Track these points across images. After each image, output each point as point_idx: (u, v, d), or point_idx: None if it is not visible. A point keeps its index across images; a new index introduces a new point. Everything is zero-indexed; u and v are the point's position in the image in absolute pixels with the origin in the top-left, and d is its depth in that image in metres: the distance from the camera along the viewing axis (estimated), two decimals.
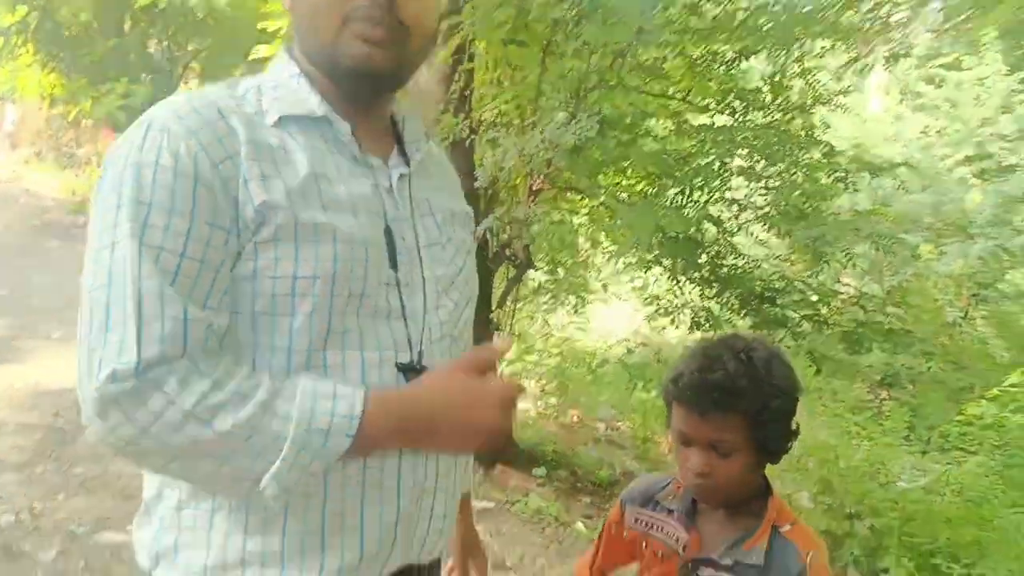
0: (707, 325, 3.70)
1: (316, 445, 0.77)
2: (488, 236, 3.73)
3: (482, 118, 3.59)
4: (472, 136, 3.51)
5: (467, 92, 3.49)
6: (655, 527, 1.12)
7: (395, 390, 0.85)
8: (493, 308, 3.89)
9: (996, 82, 9.05)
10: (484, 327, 3.80)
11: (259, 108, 0.90)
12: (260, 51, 4.59)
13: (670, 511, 1.11)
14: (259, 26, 4.60)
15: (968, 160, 8.32)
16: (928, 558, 3.34)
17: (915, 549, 3.47)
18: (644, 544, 1.12)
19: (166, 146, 0.82)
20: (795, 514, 1.08)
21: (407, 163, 0.98)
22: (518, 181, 3.98)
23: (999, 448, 5.35)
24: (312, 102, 0.91)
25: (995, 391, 6.18)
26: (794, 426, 1.07)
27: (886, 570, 3.27)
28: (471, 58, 3.48)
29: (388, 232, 0.90)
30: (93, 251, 0.82)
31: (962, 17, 10.00)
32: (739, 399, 1.00)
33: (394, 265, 0.90)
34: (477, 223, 3.56)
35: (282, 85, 0.93)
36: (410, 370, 0.90)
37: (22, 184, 13.28)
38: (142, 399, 0.75)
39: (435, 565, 1.02)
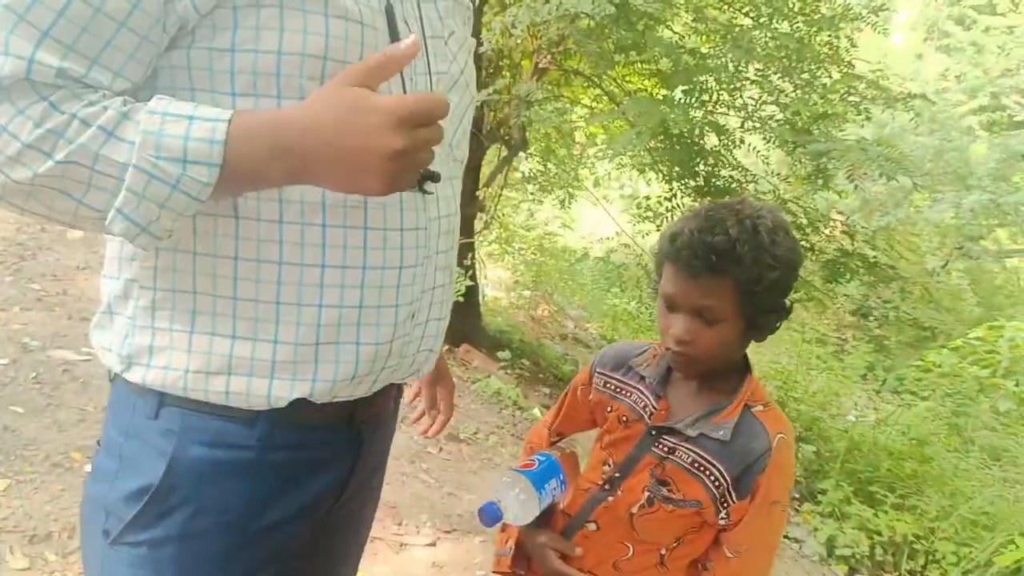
0: (685, 216, 3.64)
1: (172, 174, 0.66)
2: (485, 109, 3.58)
3: None
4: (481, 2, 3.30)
5: None
6: (623, 392, 1.08)
7: (264, 113, 0.70)
8: (480, 186, 3.79)
9: None
10: (469, 203, 3.72)
11: None
12: None
13: (642, 378, 1.07)
14: None
15: (981, 110, 8.16)
16: (866, 485, 3.45)
17: (855, 475, 3.59)
18: (609, 408, 1.09)
19: None
20: (768, 396, 1.04)
21: None
22: (523, 58, 3.80)
23: (951, 396, 5.50)
24: None
25: (958, 342, 6.31)
26: (787, 304, 1.01)
27: (824, 491, 3.38)
28: None
29: (389, 11, 0.77)
30: None
31: None
32: (736, 265, 0.93)
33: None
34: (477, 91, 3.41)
35: None
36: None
37: None
38: None
39: (398, 388, 0.97)
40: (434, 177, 0.78)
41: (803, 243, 3.72)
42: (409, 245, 0.83)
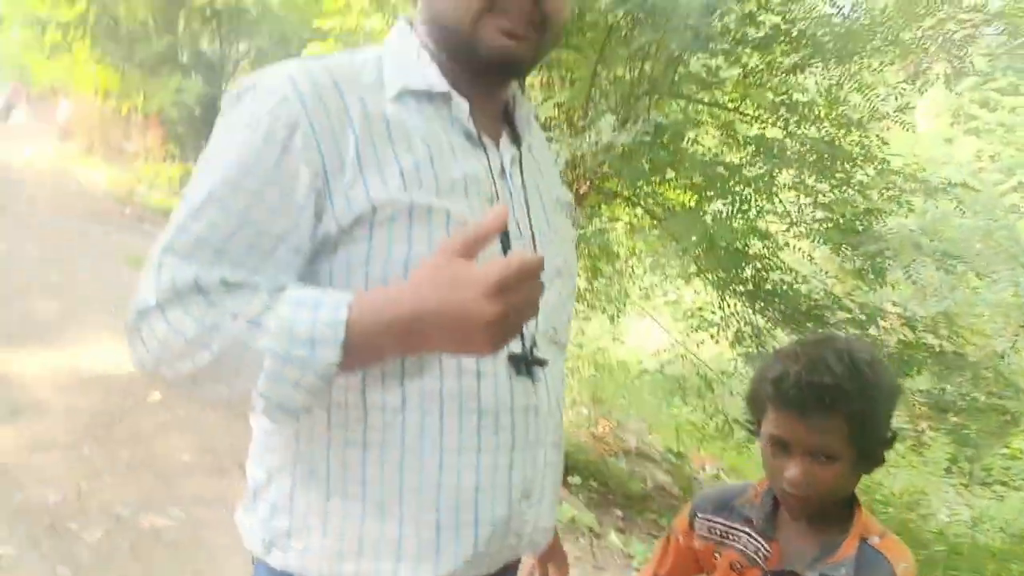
0: (750, 340, 3.63)
1: (301, 356, 0.74)
2: None
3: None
4: None
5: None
6: (731, 536, 1.06)
7: (380, 288, 0.79)
8: None
9: None
10: None
11: (379, 79, 0.88)
12: (314, 48, 4.65)
13: (748, 519, 1.05)
14: (315, 24, 4.66)
15: (1021, 186, 8.11)
16: None
17: None
18: (717, 555, 1.07)
19: (268, 108, 0.82)
20: (882, 525, 1.02)
21: (518, 146, 0.95)
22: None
23: None
24: (433, 77, 0.89)
25: None
26: (892, 432, 1.02)
27: None
28: None
29: None
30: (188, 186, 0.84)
31: (1019, 41, 9.77)
32: (845, 402, 0.95)
33: (506, 251, 0.87)
34: None
35: (403, 56, 0.91)
36: (522, 361, 0.87)
37: (73, 176, 13.65)
38: (152, 331, 0.78)
39: (515, 564, 1.00)
40: (541, 363, 0.87)
41: (864, 338, 3.67)
42: (521, 428, 0.89)
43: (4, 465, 2.88)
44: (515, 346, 0.86)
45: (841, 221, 3.35)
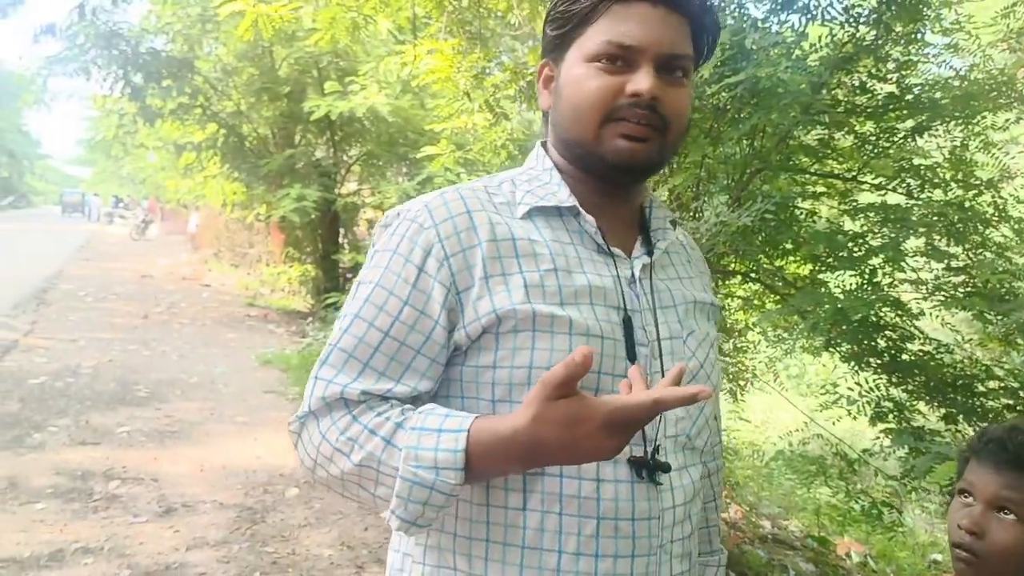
0: (891, 416, 3.43)
1: (428, 480, 0.80)
2: None
3: None
4: None
5: None
6: None
7: (493, 425, 0.81)
8: None
9: None
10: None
11: (511, 199, 0.97)
12: (427, 150, 4.93)
13: None
14: (426, 126, 4.95)
15: None
16: None
17: None
18: None
19: (406, 235, 0.93)
20: None
21: (651, 252, 1.00)
22: None
23: None
24: (562, 194, 0.97)
25: None
26: None
27: None
28: None
29: (627, 323, 0.92)
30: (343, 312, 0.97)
31: None
32: None
33: (632, 357, 0.90)
34: None
35: (535, 178, 1.00)
36: (643, 465, 0.89)
37: (204, 280, 14.74)
38: (309, 436, 0.90)
39: None
40: (664, 467, 0.89)
41: (1019, 407, 3.40)
42: (641, 535, 0.92)
43: (165, 563, 3.05)
44: (637, 449, 0.88)
45: (981, 285, 3.18)
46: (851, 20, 2.99)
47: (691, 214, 3.50)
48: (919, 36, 3.12)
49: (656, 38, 0.92)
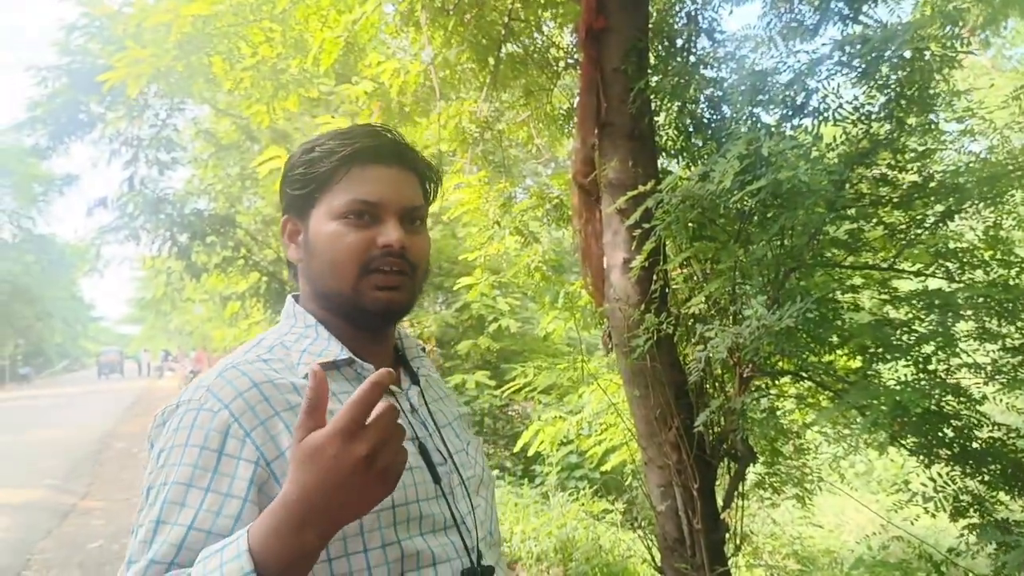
0: (972, 510, 3.25)
1: None
2: (704, 431, 3.62)
3: (686, 312, 3.65)
4: (675, 331, 3.55)
5: (666, 291, 3.59)
6: None
7: (273, 520, 0.80)
8: (721, 508, 3.67)
9: None
10: (715, 530, 3.58)
11: (288, 362, 1.01)
12: (463, 281, 5.07)
13: None
14: (460, 256, 5.10)
15: None
16: None
17: None
18: None
19: (195, 424, 0.93)
20: None
21: (415, 380, 1.09)
22: (724, 372, 3.91)
23: None
24: (335, 348, 1.03)
25: None
26: None
27: None
28: (664, 259, 3.61)
29: (423, 451, 0.99)
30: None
31: None
32: None
33: (437, 480, 0.98)
34: (691, 419, 3.49)
35: (303, 336, 1.05)
36: (473, 574, 0.96)
37: None
38: None
39: None
40: (490, 571, 0.95)
41: None
42: None
43: None
44: (464, 560, 0.95)
45: None
46: (863, 118, 3.08)
47: (730, 318, 3.50)
48: (933, 126, 3.19)
49: (396, 194, 1.05)
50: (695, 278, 3.90)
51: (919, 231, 3.39)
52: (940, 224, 3.34)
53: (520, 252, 5.08)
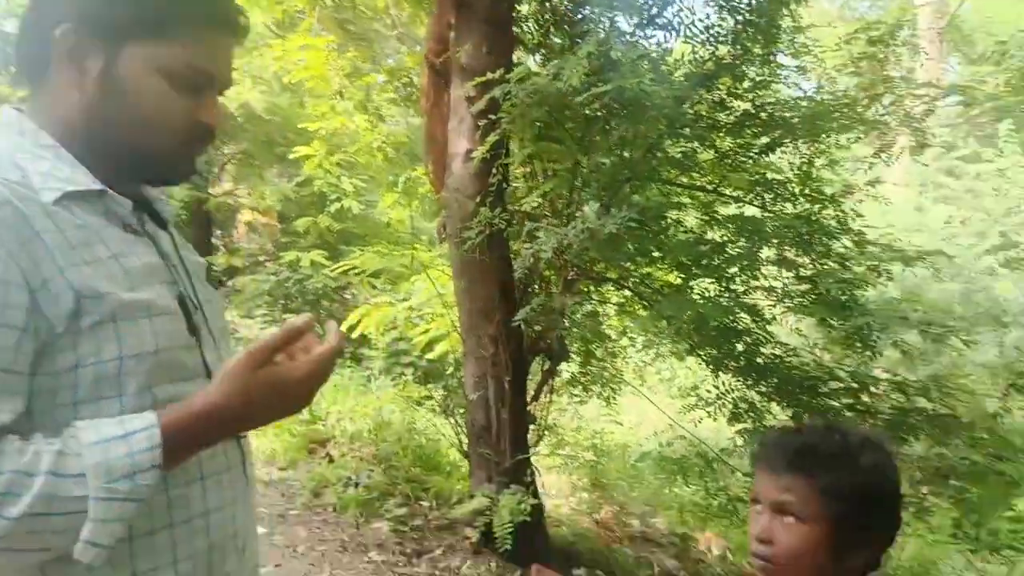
0: (747, 416, 3.63)
1: (124, 490, 0.76)
2: (523, 327, 3.74)
3: (520, 209, 3.68)
4: (508, 228, 3.59)
5: (504, 186, 3.59)
6: None
7: (188, 409, 0.83)
8: (529, 400, 3.86)
9: (1017, 173, 9.16)
10: (521, 420, 3.76)
11: (30, 185, 0.86)
12: (299, 150, 4.80)
13: None
14: (300, 126, 4.82)
15: (994, 249, 8.31)
16: None
17: None
18: None
19: None
20: None
21: (161, 224, 1.00)
22: (551, 272, 4.03)
23: None
24: (83, 177, 0.89)
25: None
26: (879, 527, 0.98)
27: None
28: (507, 153, 3.59)
29: (182, 300, 0.94)
30: None
31: (976, 112, 10.23)
32: (815, 464, 0.96)
33: (192, 331, 0.94)
34: (513, 315, 3.59)
35: (39, 158, 0.89)
36: None
37: None
38: None
39: None
40: None
41: (858, 406, 3.68)
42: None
43: None
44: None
45: (825, 293, 3.42)
46: (711, 39, 3.15)
47: (564, 220, 3.57)
48: (773, 58, 3.33)
49: (228, 71, 0.99)
50: (536, 178, 3.93)
51: (744, 159, 3.58)
52: (763, 154, 3.55)
53: (369, 131, 4.87)
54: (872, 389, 3.88)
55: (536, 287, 3.89)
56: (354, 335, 5.01)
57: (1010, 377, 7.31)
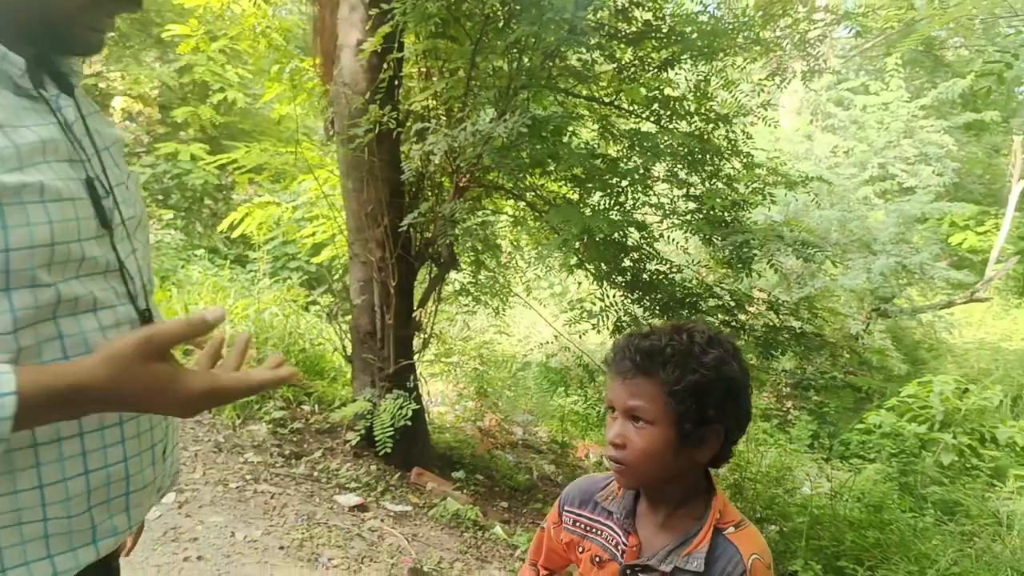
0: (629, 329, 3.70)
1: None
2: (411, 232, 3.64)
3: (410, 108, 3.51)
4: (399, 128, 3.42)
5: (396, 83, 3.40)
6: (593, 530, 1.06)
7: (53, 371, 0.72)
8: (415, 308, 3.79)
9: (899, 108, 9.58)
10: (405, 324, 3.71)
11: None
12: (174, 29, 4.38)
13: (609, 513, 1.05)
14: (178, 1, 4.38)
15: (872, 180, 8.74)
16: (834, 560, 3.45)
17: (821, 552, 3.58)
18: (581, 549, 1.06)
19: None
20: (740, 514, 1.03)
21: (65, 88, 0.85)
22: (443, 178, 3.91)
23: (896, 456, 5.63)
24: None
25: (893, 400, 6.50)
26: (722, 420, 0.98)
27: (795, 573, 3.35)
28: (400, 48, 3.39)
29: (90, 183, 0.81)
30: None
31: (868, 44, 10.55)
32: (661, 366, 0.95)
33: (104, 219, 0.82)
34: (402, 219, 3.47)
35: None
36: (145, 322, 0.88)
37: None
38: None
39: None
40: (148, 316, 0.91)
41: (733, 324, 3.83)
42: None
43: None
44: (129, 307, 0.86)
45: (711, 212, 3.48)
46: None
47: (458, 124, 3.43)
48: None
49: None
50: (431, 78, 3.74)
51: (642, 72, 3.52)
52: (662, 70, 3.50)
53: (253, 12, 4.48)
54: (748, 308, 4.04)
55: (427, 192, 3.77)
56: (235, 234, 4.76)
57: (875, 302, 7.87)
